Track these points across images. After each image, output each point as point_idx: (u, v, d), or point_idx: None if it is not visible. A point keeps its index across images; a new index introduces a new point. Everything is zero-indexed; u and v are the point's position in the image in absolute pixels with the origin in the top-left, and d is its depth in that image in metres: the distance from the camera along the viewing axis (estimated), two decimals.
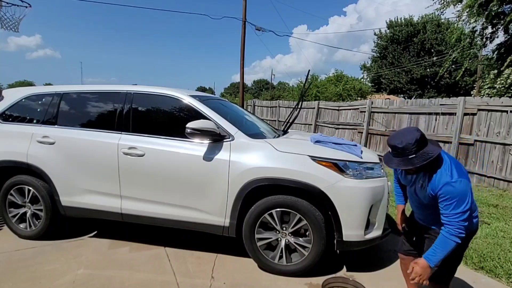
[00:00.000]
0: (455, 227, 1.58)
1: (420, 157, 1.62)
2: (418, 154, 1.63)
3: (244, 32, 15.10)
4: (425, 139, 1.65)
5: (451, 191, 1.58)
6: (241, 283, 2.52)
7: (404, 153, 1.65)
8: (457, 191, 1.58)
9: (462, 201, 1.57)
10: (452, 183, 1.59)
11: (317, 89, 17.29)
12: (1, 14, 6.19)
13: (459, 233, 1.58)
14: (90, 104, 3.20)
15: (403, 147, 1.64)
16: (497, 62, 7.91)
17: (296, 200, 2.53)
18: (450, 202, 1.59)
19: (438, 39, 25.01)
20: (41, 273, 2.59)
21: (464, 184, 1.59)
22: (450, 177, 1.60)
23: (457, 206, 1.58)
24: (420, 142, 1.62)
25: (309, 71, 4.48)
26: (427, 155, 1.62)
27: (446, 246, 1.60)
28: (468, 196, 1.59)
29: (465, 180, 1.60)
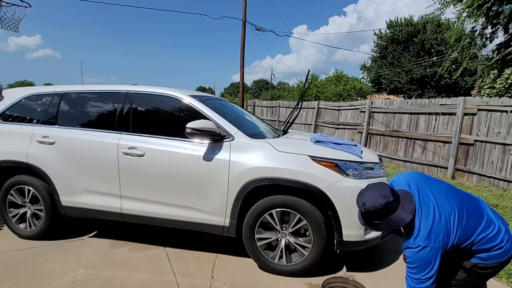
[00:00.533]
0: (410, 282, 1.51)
1: (386, 224, 1.53)
2: (383, 221, 1.53)
3: (244, 32, 15.10)
4: (392, 204, 1.48)
5: (410, 255, 1.50)
6: (241, 283, 2.52)
7: (368, 217, 1.56)
8: (416, 257, 1.47)
9: (422, 269, 1.46)
10: (411, 248, 1.49)
11: (317, 89, 17.30)
12: (1, 14, 6.19)
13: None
14: (90, 104, 3.20)
15: (366, 212, 1.54)
16: (497, 62, 7.91)
17: (296, 200, 2.53)
18: (411, 266, 1.51)
19: (438, 39, 25.01)
20: (41, 273, 2.59)
21: (424, 252, 1.45)
22: (412, 242, 1.49)
23: (418, 272, 1.48)
24: (385, 209, 1.49)
25: (309, 71, 4.48)
26: (393, 223, 1.51)
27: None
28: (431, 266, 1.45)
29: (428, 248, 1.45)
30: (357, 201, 1.60)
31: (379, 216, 1.51)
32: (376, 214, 1.51)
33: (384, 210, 1.49)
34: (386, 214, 1.50)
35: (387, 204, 1.48)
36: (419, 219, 1.51)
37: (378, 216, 1.52)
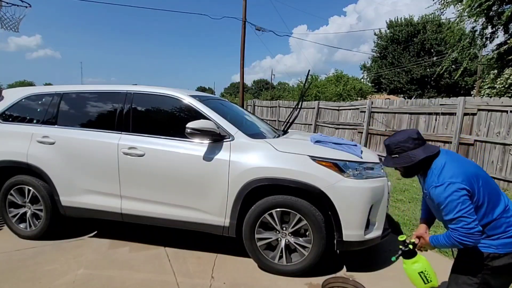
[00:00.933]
0: (455, 234, 1.49)
1: (402, 159, 1.64)
2: (401, 156, 1.64)
3: (244, 32, 15.10)
4: (414, 142, 1.62)
5: (437, 194, 1.52)
6: (241, 283, 2.52)
7: (388, 151, 1.71)
8: (443, 196, 1.49)
9: (452, 206, 1.47)
10: (437, 186, 1.53)
11: (317, 89, 17.30)
12: (1, 14, 6.19)
13: (461, 240, 1.46)
14: (90, 104, 3.20)
15: (388, 145, 1.71)
16: (497, 62, 7.91)
17: (296, 200, 2.53)
18: (442, 207, 1.52)
19: (438, 39, 25.01)
20: (41, 273, 2.59)
21: (451, 189, 1.47)
22: (436, 181, 1.54)
23: (449, 211, 1.49)
24: (405, 144, 1.63)
25: (309, 71, 4.48)
26: (409, 158, 1.61)
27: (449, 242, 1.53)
28: (459, 202, 1.45)
29: (454, 185, 1.48)
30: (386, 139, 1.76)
31: (399, 149, 1.65)
32: (395, 148, 1.66)
33: (404, 143, 1.64)
34: (405, 149, 1.63)
35: (408, 139, 1.63)
36: (442, 162, 1.59)
37: (397, 150, 1.66)
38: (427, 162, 1.62)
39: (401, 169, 1.71)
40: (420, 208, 2.05)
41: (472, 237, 1.45)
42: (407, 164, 1.63)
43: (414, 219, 3.94)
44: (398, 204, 4.61)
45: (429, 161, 1.62)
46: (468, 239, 1.45)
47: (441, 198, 1.50)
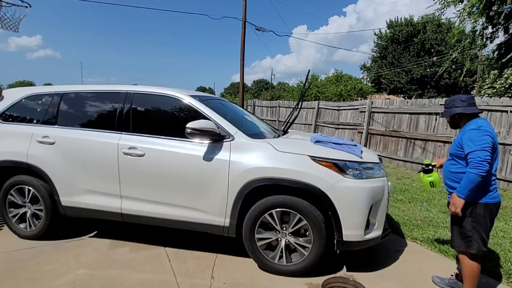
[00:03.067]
0: (473, 162, 1.97)
1: (447, 112, 2.26)
2: (447, 110, 2.27)
3: (244, 32, 15.10)
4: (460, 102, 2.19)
5: (471, 133, 2.04)
6: (241, 283, 2.52)
7: (444, 105, 2.35)
8: (476, 133, 2.02)
9: (480, 140, 1.99)
10: (472, 129, 2.06)
11: (317, 89, 17.30)
12: (1, 14, 6.19)
13: (477, 167, 1.96)
14: (90, 104, 3.20)
15: (446, 100, 2.36)
16: (497, 62, 7.90)
17: (296, 200, 2.53)
18: (469, 142, 2.02)
19: (438, 39, 25.00)
20: (41, 273, 2.59)
21: (483, 132, 2.01)
22: (474, 125, 2.08)
23: (475, 144, 1.99)
24: (452, 102, 2.24)
25: (309, 71, 4.47)
26: (450, 111, 2.23)
27: (468, 178, 2.00)
28: (486, 139, 1.99)
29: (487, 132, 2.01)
30: None
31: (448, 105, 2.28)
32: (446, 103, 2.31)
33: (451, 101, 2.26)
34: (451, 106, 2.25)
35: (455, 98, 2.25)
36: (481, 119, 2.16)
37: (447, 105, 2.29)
38: (468, 117, 2.18)
39: (448, 119, 2.32)
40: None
41: (485, 166, 1.95)
42: (447, 116, 2.27)
43: (414, 219, 3.94)
44: (398, 204, 4.61)
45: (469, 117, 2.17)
46: (483, 166, 1.95)
47: (473, 136, 2.03)
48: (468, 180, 2.01)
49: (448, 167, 2.29)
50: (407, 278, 2.65)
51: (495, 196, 2.11)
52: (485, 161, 1.95)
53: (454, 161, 2.22)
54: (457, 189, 2.09)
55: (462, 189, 2.04)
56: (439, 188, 5.55)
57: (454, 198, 2.10)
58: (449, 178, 2.27)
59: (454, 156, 2.21)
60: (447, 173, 2.29)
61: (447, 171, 2.30)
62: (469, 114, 2.17)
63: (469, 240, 2.12)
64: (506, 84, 11.40)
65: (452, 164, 2.24)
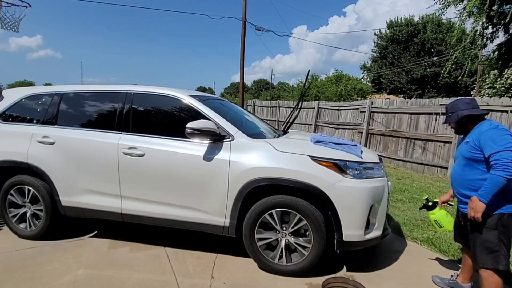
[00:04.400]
0: (499, 164, 1.81)
1: (452, 116, 2.14)
2: (453, 114, 2.14)
3: (244, 32, 15.10)
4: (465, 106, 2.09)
5: (491, 132, 1.91)
6: (241, 283, 2.52)
7: (446, 111, 2.23)
8: (496, 133, 1.90)
9: (502, 140, 1.85)
10: (490, 128, 1.95)
11: (317, 89, 17.31)
12: (1, 14, 6.19)
13: (504, 169, 1.79)
14: (90, 104, 3.20)
15: (446, 106, 2.24)
16: (497, 62, 7.90)
17: (296, 200, 2.53)
18: (491, 143, 1.88)
19: (438, 39, 25.01)
20: (41, 273, 2.59)
21: (502, 129, 1.92)
22: (489, 125, 1.98)
23: (498, 144, 1.84)
24: (456, 106, 2.12)
25: (309, 71, 4.47)
26: (456, 115, 2.11)
27: (493, 181, 1.84)
28: (509, 139, 1.85)
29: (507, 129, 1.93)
30: None
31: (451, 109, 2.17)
32: (449, 107, 2.20)
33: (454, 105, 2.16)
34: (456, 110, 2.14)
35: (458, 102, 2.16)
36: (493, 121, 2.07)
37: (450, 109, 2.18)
38: (476, 120, 2.07)
39: (453, 125, 2.19)
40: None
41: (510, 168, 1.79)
42: (454, 120, 2.14)
43: (414, 219, 3.94)
44: (398, 204, 4.61)
45: (477, 119, 2.07)
46: (510, 168, 1.78)
47: (495, 135, 1.90)
48: (492, 183, 1.84)
49: (463, 174, 2.10)
50: (407, 278, 2.65)
51: None
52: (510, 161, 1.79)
53: (471, 166, 2.03)
54: (478, 193, 1.91)
55: (485, 193, 1.87)
56: (440, 189, 5.54)
57: (474, 202, 1.93)
58: (464, 186, 2.08)
59: (471, 160, 2.03)
60: (463, 181, 2.11)
61: (462, 179, 2.11)
62: (476, 116, 2.07)
63: (497, 255, 1.92)
64: (506, 84, 11.40)
65: (469, 170, 2.05)
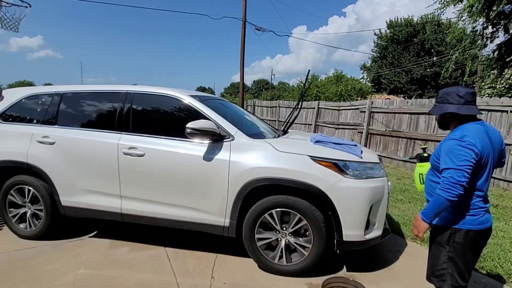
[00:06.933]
0: (444, 183, 1.57)
1: (437, 108, 1.76)
2: (439, 105, 1.75)
3: (244, 32, 15.11)
4: (457, 99, 1.68)
5: (451, 144, 1.61)
6: (241, 283, 2.52)
7: (436, 98, 1.82)
8: (456, 146, 1.59)
9: (458, 156, 1.56)
10: (455, 139, 1.61)
11: (317, 89, 17.31)
12: (1, 14, 6.20)
13: (447, 189, 1.55)
14: (90, 104, 3.20)
15: (438, 92, 1.81)
16: (497, 62, 7.90)
17: (296, 200, 2.53)
18: (446, 156, 1.61)
19: (438, 40, 25.01)
20: (41, 273, 2.59)
21: (464, 144, 1.57)
22: (456, 135, 1.63)
23: (452, 160, 1.58)
24: (447, 96, 1.71)
25: (309, 71, 4.48)
26: (441, 108, 1.73)
27: (435, 201, 1.61)
28: (467, 156, 1.55)
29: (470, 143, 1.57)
30: None
31: (440, 99, 1.76)
32: (440, 96, 1.77)
33: (445, 95, 1.73)
34: (444, 101, 1.73)
35: (451, 92, 1.71)
36: (473, 126, 1.66)
37: (439, 99, 1.77)
38: (462, 120, 1.69)
39: (437, 119, 1.83)
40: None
41: (458, 189, 1.54)
42: (435, 113, 1.78)
43: (414, 219, 3.94)
44: (398, 204, 4.61)
45: (464, 120, 1.69)
46: (455, 189, 1.54)
47: (451, 148, 1.61)
48: (435, 202, 1.62)
49: (429, 177, 1.87)
50: (407, 278, 2.65)
51: (481, 221, 1.66)
52: (459, 184, 1.53)
53: (435, 173, 1.80)
54: (422, 211, 1.70)
55: (427, 212, 1.66)
56: None
57: (417, 220, 1.71)
58: (428, 191, 1.86)
59: (434, 168, 1.79)
60: (427, 186, 1.88)
61: (427, 183, 1.89)
62: (462, 116, 1.69)
63: (441, 274, 1.72)
64: (506, 84, 11.40)
65: (433, 176, 1.82)
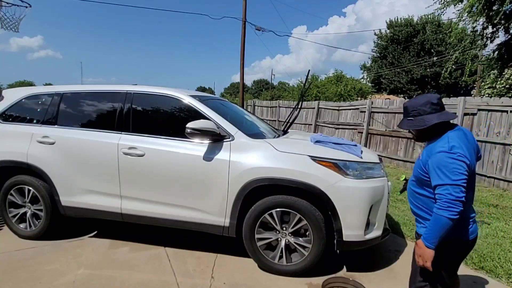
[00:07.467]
0: (443, 201, 1.44)
1: (416, 122, 1.62)
2: (416, 119, 1.62)
3: (244, 32, 15.10)
4: (432, 107, 1.58)
5: (441, 158, 1.49)
6: (241, 283, 2.52)
7: (405, 113, 1.69)
8: (446, 159, 1.47)
9: (452, 170, 1.45)
10: (443, 151, 1.49)
11: (317, 89, 17.31)
12: (1, 14, 6.20)
13: (447, 207, 1.42)
14: (90, 104, 3.20)
15: (406, 107, 1.69)
16: (497, 62, 7.90)
17: (296, 200, 2.53)
18: (438, 171, 1.48)
19: (438, 40, 25.01)
20: (41, 273, 2.59)
21: (455, 156, 1.46)
22: (443, 146, 1.51)
23: (446, 175, 1.45)
24: (422, 108, 1.60)
25: (309, 71, 4.48)
26: (423, 121, 1.59)
27: (437, 222, 1.47)
28: (461, 169, 1.44)
29: (460, 154, 1.47)
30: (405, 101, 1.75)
31: (415, 113, 1.63)
32: (413, 110, 1.64)
33: (421, 107, 1.61)
34: (421, 113, 1.61)
35: (425, 103, 1.60)
36: (456, 133, 1.58)
37: (414, 112, 1.63)
38: (440, 128, 1.59)
39: (414, 132, 1.70)
40: None
41: (458, 205, 1.42)
42: (420, 127, 1.62)
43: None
44: (398, 204, 4.61)
45: (443, 128, 1.59)
46: (455, 206, 1.42)
47: (442, 162, 1.48)
48: (437, 224, 1.46)
49: (412, 188, 1.74)
50: (407, 278, 2.64)
51: (471, 232, 1.60)
52: (458, 200, 1.42)
53: (419, 185, 1.68)
54: (423, 236, 1.53)
55: (430, 236, 1.48)
56: None
57: (421, 248, 1.52)
58: (413, 202, 1.74)
59: (418, 180, 1.67)
60: (412, 197, 1.75)
61: (411, 193, 1.75)
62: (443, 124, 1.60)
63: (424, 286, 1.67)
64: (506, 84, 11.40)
65: (416, 187, 1.70)
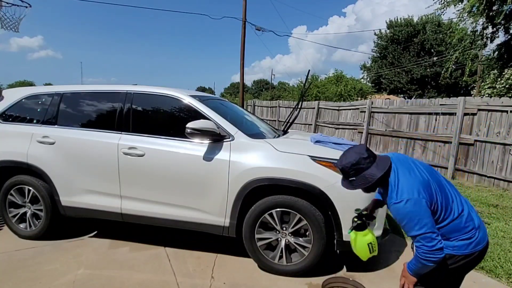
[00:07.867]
0: (420, 252, 1.44)
1: (360, 181, 1.56)
2: (358, 178, 1.56)
3: (244, 32, 15.11)
4: (366, 161, 1.53)
5: (397, 211, 1.47)
6: (241, 283, 2.52)
7: (344, 175, 1.61)
8: (403, 212, 1.44)
9: (415, 222, 1.42)
10: (395, 203, 1.46)
11: (317, 89, 17.30)
12: (1, 14, 6.20)
13: (426, 258, 1.42)
14: (90, 104, 3.20)
15: (342, 169, 1.60)
16: (498, 62, 7.91)
17: (296, 200, 2.53)
18: (403, 224, 1.47)
19: (438, 40, 25.02)
20: (41, 273, 2.59)
21: (410, 205, 1.42)
22: (395, 197, 1.47)
23: (411, 228, 1.44)
24: (358, 165, 1.53)
25: (309, 71, 4.48)
26: (366, 179, 1.54)
27: (420, 265, 1.48)
28: (421, 214, 1.41)
29: (412, 200, 1.43)
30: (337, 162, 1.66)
31: (354, 172, 1.56)
32: (351, 170, 1.56)
33: (357, 165, 1.54)
34: (360, 171, 1.54)
35: (360, 160, 1.53)
36: (396, 176, 1.53)
37: (353, 172, 1.56)
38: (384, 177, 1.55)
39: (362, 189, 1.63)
40: None
41: (436, 254, 1.41)
42: (367, 185, 1.56)
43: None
44: None
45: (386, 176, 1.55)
46: (433, 255, 1.41)
47: (401, 215, 1.46)
48: (419, 265, 1.48)
49: None
50: None
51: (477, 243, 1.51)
52: (434, 249, 1.40)
53: None
54: (408, 264, 1.56)
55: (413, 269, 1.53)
56: None
57: (405, 271, 1.58)
58: None
59: None
60: None
61: None
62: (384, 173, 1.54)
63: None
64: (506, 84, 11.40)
65: None
